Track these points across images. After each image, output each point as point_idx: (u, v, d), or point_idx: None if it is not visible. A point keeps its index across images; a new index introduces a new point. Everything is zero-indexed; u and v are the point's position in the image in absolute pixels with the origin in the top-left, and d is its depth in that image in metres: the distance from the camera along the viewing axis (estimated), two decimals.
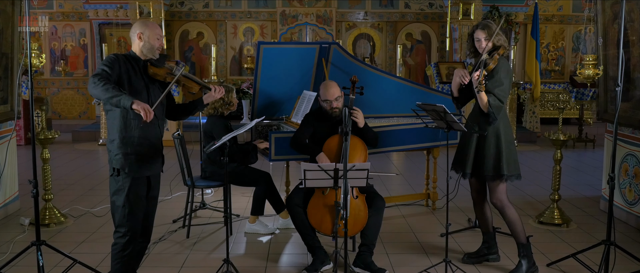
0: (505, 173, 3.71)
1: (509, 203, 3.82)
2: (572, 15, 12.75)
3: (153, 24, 3.21)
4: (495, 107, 3.61)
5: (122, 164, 3.08)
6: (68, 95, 12.60)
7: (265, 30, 12.65)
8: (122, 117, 3.07)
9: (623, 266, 3.89)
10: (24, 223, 4.82)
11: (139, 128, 3.08)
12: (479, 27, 3.68)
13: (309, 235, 3.88)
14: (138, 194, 3.15)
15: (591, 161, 8.41)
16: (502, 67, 3.65)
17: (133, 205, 3.13)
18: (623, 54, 3.62)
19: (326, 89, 4.02)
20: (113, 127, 3.11)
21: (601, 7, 5.23)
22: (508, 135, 3.76)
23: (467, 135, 3.80)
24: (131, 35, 3.19)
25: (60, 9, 12.34)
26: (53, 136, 4.85)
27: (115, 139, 3.09)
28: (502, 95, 3.63)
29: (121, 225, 3.15)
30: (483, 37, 3.65)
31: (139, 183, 3.15)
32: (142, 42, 3.14)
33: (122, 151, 3.08)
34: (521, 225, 3.82)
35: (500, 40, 3.66)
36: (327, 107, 4.03)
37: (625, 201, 5.08)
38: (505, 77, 3.65)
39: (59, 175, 7.09)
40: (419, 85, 6.10)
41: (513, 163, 3.76)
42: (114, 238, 3.20)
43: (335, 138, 3.97)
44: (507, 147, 3.73)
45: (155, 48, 3.16)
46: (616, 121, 3.68)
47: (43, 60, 5.45)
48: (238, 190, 5.90)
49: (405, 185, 6.70)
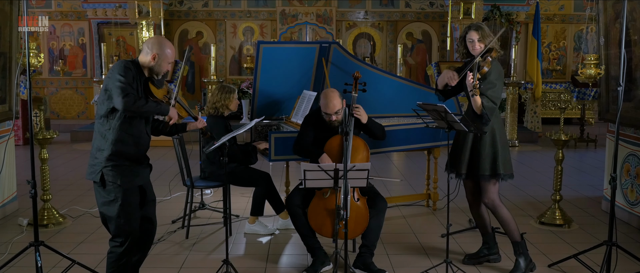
0: (501, 172, 3.72)
1: (500, 203, 3.84)
2: (573, 14, 12.72)
3: (170, 46, 3.17)
4: (489, 109, 3.62)
5: (113, 177, 3.04)
6: (66, 95, 12.58)
7: (265, 29, 12.63)
8: (120, 129, 3.03)
9: (625, 267, 3.87)
10: (22, 223, 4.81)
11: (134, 143, 3.08)
12: (472, 28, 3.69)
13: (309, 236, 3.86)
14: (132, 201, 3.12)
15: (593, 161, 8.39)
16: (494, 69, 3.68)
17: (129, 215, 3.09)
18: (625, 53, 3.61)
19: (327, 100, 3.90)
20: (106, 138, 3.05)
21: (603, 6, 5.21)
22: (502, 134, 3.79)
23: (461, 136, 3.80)
24: (145, 48, 3.14)
25: (58, 8, 12.31)
26: (51, 136, 4.83)
27: (105, 150, 3.04)
28: (495, 96, 3.66)
29: (118, 235, 3.11)
30: (476, 38, 3.66)
31: (132, 192, 3.12)
32: (154, 63, 3.11)
33: (113, 163, 3.03)
34: (514, 224, 3.83)
35: (492, 42, 3.66)
36: (326, 118, 3.98)
37: (627, 201, 5.06)
38: (497, 78, 3.68)
39: (58, 175, 7.07)
40: (420, 85, 6.09)
41: (508, 162, 3.78)
42: (110, 247, 3.16)
43: (336, 138, 3.93)
44: (502, 146, 3.76)
45: (162, 71, 3.17)
46: (618, 121, 3.66)
47: (41, 59, 5.43)
48: (237, 190, 5.88)
49: (405, 186, 6.68)
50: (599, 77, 5.43)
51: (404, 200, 5.56)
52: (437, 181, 5.40)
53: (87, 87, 12.39)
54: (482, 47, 3.66)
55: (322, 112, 3.97)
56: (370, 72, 5.11)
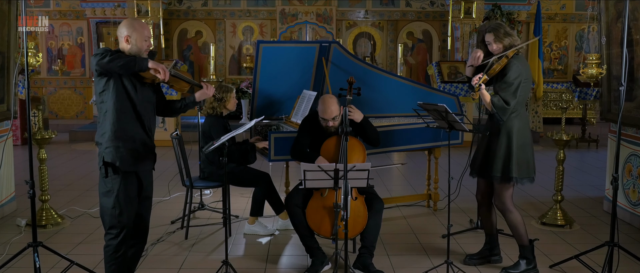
0: (514, 175, 3.63)
1: (513, 208, 3.76)
2: (575, 13, 12.69)
3: (140, 24, 3.12)
4: (499, 108, 3.56)
5: (113, 157, 3.06)
6: (65, 94, 12.55)
7: (265, 29, 12.60)
8: (115, 110, 3.05)
9: (627, 267, 3.85)
10: (20, 224, 4.79)
11: (131, 122, 3.07)
12: (488, 30, 3.66)
13: (307, 236, 3.85)
14: (128, 194, 3.13)
15: (594, 161, 8.37)
16: (512, 68, 3.59)
17: (123, 206, 3.11)
18: (627, 52, 3.58)
19: (325, 106, 3.92)
20: (105, 121, 3.09)
21: (604, 5, 5.18)
22: (521, 137, 3.66)
23: (482, 137, 3.78)
24: (118, 35, 3.13)
25: (57, 8, 12.29)
26: (50, 136, 4.81)
27: (107, 132, 3.07)
28: (508, 96, 3.56)
29: (112, 226, 3.14)
30: (492, 39, 3.62)
31: (129, 182, 3.13)
32: (129, 46, 3.08)
33: (113, 144, 3.06)
34: (524, 229, 3.78)
35: (510, 41, 3.60)
36: (323, 123, 4.00)
37: (629, 202, 5.03)
38: (515, 78, 3.57)
39: (56, 175, 7.04)
40: (420, 85, 6.07)
41: (525, 165, 3.67)
42: (106, 241, 3.18)
43: (332, 139, 3.95)
44: (520, 148, 3.64)
45: (143, 50, 3.10)
46: (620, 121, 3.63)
47: (40, 59, 5.41)
48: (237, 190, 5.85)
49: (406, 186, 6.66)
50: (601, 76, 5.41)
51: (404, 201, 5.54)
52: (438, 181, 5.38)
53: (86, 87, 12.35)
54: (500, 47, 3.61)
55: (320, 116, 3.99)
56: (370, 72, 5.09)
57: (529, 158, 3.70)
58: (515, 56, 3.63)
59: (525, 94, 3.64)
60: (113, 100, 3.04)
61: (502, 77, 3.60)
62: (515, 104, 3.58)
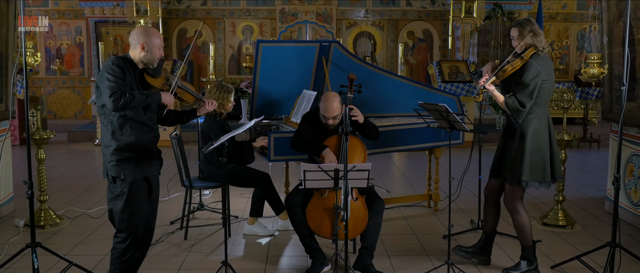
0: (524, 179, 3.55)
1: (522, 210, 3.71)
2: (576, 13, 12.67)
3: (155, 33, 3.16)
4: (513, 110, 3.50)
5: (117, 172, 3.05)
6: (64, 94, 12.53)
7: (265, 28, 12.58)
8: (117, 123, 3.04)
9: (628, 268, 3.84)
10: (18, 224, 4.77)
11: (133, 134, 3.06)
12: (513, 25, 3.61)
13: (307, 236, 3.83)
14: (138, 198, 3.11)
15: (596, 161, 8.35)
16: (530, 68, 3.48)
17: (133, 210, 3.09)
18: (628, 52, 3.56)
19: (327, 104, 3.90)
20: (108, 133, 3.08)
21: (606, 5, 5.16)
22: (536, 139, 3.56)
23: (500, 136, 3.78)
24: (132, 41, 3.12)
25: (55, 7, 12.27)
26: (48, 136, 4.79)
27: (111, 145, 3.06)
28: (524, 98, 3.47)
29: (121, 230, 3.12)
30: (515, 35, 3.57)
31: (138, 188, 3.11)
32: (144, 53, 3.10)
33: (117, 157, 3.05)
34: (529, 231, 3.74)
35: (532, 41, 3.50)
36: (323, 121, 3.99)
37: (630, 202, 5.01)
38: (532, 78, 3.46)
39: (55, 175, 7.01)
40: (421, 84, 6.05)
41: (538, 169, 3.58)
42: (113, 243, 3.17)
43: (333, 138, 3.93)
44: (533, 151, 3.55)
45: (155, 59, 3.14)
46: (621, 121, 3.60)
47: (38, 58, 5.40)
48: (237, 191, 5.83)
49: (406, 186, 6.64)
50: (602, 76, 5.39)
51: (405, 201, 5.52)
52: (439, 182, 5.36)
53: (85, 87, 12.34)
54: (521, 44, 3.53)
55: (321, 114, 3.97)
56: (370, 72, 5.07)
57: (546, 161, 3.59)
58: (535, 56, 3.51)
59: (545, 94, 3.55)
60: (117, 115, 3.04)
61: (519, 77, 3.51)
62: (531, 106, 3.51)
